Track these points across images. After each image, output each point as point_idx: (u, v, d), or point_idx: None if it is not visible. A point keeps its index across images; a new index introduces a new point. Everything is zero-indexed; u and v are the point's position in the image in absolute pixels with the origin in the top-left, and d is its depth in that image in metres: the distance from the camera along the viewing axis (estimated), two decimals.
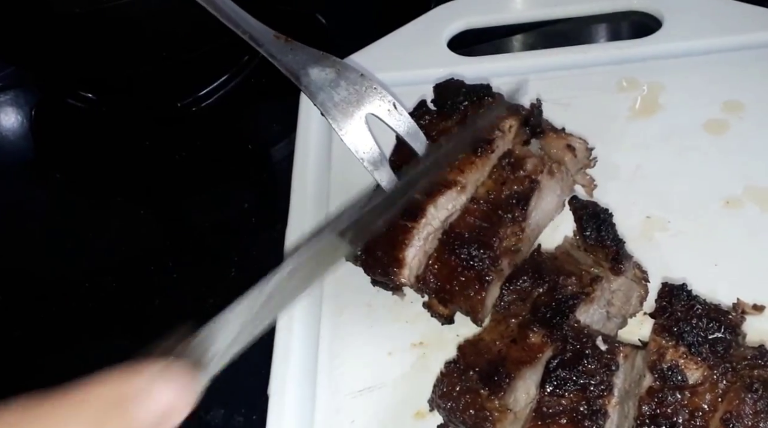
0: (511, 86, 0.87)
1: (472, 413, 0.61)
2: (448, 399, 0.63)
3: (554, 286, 0.68)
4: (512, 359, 0.63)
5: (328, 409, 0.71)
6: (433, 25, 1.07)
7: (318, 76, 0.76)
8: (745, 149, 0.85)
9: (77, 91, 1.16)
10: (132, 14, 0.97)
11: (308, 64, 0.76)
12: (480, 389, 0.62)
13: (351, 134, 0.75)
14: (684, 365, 0.58)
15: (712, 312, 0.60)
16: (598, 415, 0.58)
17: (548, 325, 0.65)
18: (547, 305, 0.66)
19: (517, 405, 0.62)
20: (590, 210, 0.72)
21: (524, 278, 0.69)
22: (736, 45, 0.96)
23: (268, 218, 0.98)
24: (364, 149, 0.75)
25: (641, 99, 0.93)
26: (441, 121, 0.81)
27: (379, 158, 0.75)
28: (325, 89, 0.76)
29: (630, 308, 0.71)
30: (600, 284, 0.68)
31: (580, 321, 0.65)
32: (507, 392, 0.61)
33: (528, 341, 0.64)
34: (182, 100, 1.12)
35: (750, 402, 0.55)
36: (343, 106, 0.76)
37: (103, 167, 1.09)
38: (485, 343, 0.66)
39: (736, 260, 0.75)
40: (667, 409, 0.57)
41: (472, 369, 0.63)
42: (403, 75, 1.01)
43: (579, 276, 0.68)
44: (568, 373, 0.60)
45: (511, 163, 0.75)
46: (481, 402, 0.61)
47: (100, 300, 0.90)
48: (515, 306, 0.68)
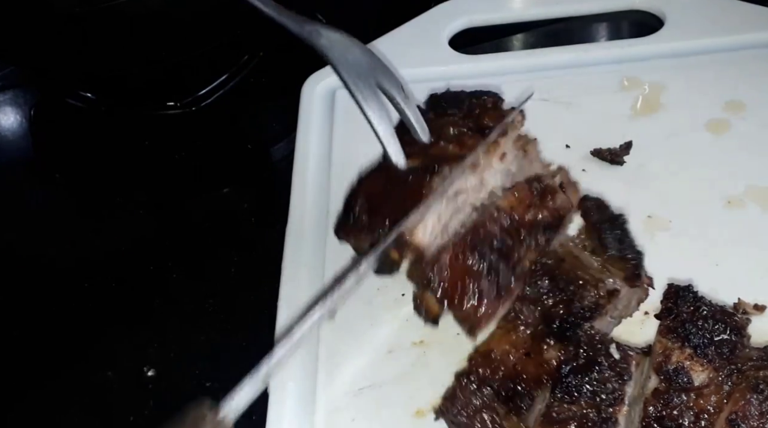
0: (518, 94, 0.87)
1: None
2: (461, 415, 0.61)
3: (571, 298, 0.65)
4: (530, 375, 0.61)
5: (328, 408, 0.70)
6: (434, 24, 1.07)
7: (331, 38, 0.73)
8: (746, 148, 0.85)
9: (76, 90, 1.16)
10: (132, 14, 0.97)
11: (321, 27, 0.74)
12: (497, 406, 0.60)
13: (366, 98, 0.72)
14: (690, 367, 0.58)
15: (718, 314, 0.60)
16: (608, 424, 0.57)
17: (565, 339, 0.63)
18: (563, 319, 0.64)
19: (533, 421, 0.60)
20: (606, 216, 0.71)
21: (537, 284, 0.67)
22: (737, 45, 0.96)
23: (268, 218, 0.98)
24: (378, 116, 0.72)
25: (642, 98, 0.93)
26: (446, 121, 0.80)
27: (390, 129, 0.72)
28: (337, 48, 0.73)
29: (629, 311, 0.71)
30: (616, 299, 0.67)
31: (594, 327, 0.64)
32: (529, 411, 0.60)
33: (544, 355, 0.62)
34: (182, 101, 1.12)
35: (756, 402, 0.55)
36: (358, 70, 0.73)
37: (102, 166, 1.09)
38: (497, 356, 0.63)
39: (737, 260, 0.75)
40: (673, 411, 0.57)
41: (488, 385, 0.61)
42: (404, 73, 1.01)
43: (595, 287, 0.66)
44: (580, 380, 0.59)
45: (540, 190, 0.73)
46: (499, 421, 0.60)
47: (100, 300, 0.90)
48: (525, 313, 0.66)
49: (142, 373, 0.82)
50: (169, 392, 0.80)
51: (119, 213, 1.02)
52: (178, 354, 0.84)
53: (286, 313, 0.77)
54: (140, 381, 0.81)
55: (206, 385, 0.80)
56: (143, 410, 0.79)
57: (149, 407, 0.79)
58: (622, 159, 0.85)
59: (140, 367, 0.82)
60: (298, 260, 0.82)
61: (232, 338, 0.83)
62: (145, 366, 0.82)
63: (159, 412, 0.79)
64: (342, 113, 0.98)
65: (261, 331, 0.79)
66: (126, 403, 0.80)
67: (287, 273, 0.81)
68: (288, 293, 0.79)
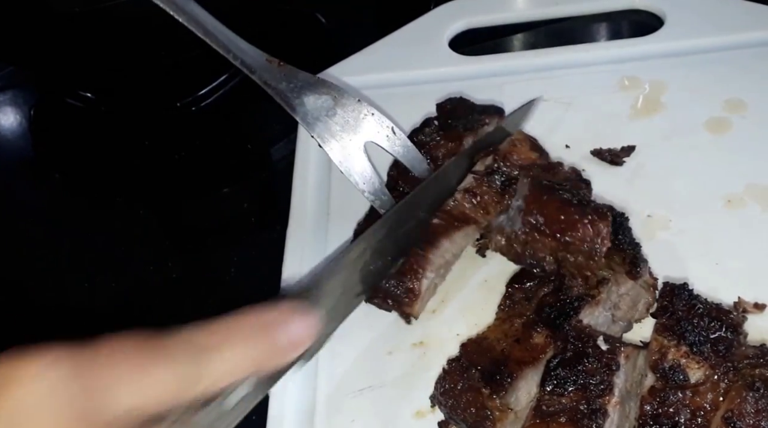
0: (522, 107, 0.87)
1: (472, 411, 0.62)
2: (449, 396, 0.63)
3: (560, 287, 0.68)
4: (515, 358, 0.63)
5: (329, 409, 0.71)
6: (434, 25, 1.07)
7: (314, 105, 0.74)
8: (746, 147, 0.85)
9: (76, 90, 1.15)
10: (132, 14, 0.97)
11: (303, 92, 0.74)
12: (481, 387, 0.62)
13: (350, 164, 0.74)
14: (686, 364, 0.58)
15: (714, 312, 0.60)
16: (597, 414, 0.57)
17: (552, 325, 0.65)
18: (551, 305, 0.66)
19: (518, 405, 0.62)
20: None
21: (531, 277, 0.69)
22: (738, 43, 0.96)
23: (268, 218, 0.98)
24: (363, 179, 0.74)
25: (643, 98, 0.92)
26: (447, 141, 0.80)
27: (379, 187, 0.75)
28: (321, 119, 0.74)
29: (636, 314, 0.70)
30: (606, 287, 0.68)
31: (582, 321, 0.65)
32: (509, 391, 0.61)
33: (531, 341, 0.64)
34: (182, 100, 1.12)
35: (751, 400, 0.55)
36: (341, 135, 0.74)
37: (102, 166, 1.09)
38: (489, 342, 0.66)
39: (737, 259, 0.75)
40: (669, 408, 0.57)
41: (475, 367, 0.63)
42: (405, 75, 1.01)
43: (585, 278, 0.68)
44: (568, 372, 0.60)
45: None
46: (482, 401, 0.61)
47: (100, 300, 0.91)
48: (521, 306, 0.68)
49: None
50: None
51: (119, 213, 1.02)
52: None
53: None
54: None
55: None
56: None
57: None
58: (621, 160, 0.85)
59: None
60: (298, 261, 0.82)
61: None
62: None
63: None
64: None
65: None
66: None
67: (287, 274, 0.81)
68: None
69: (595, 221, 0.68)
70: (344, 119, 0.75)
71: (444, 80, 1.00)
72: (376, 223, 0.68)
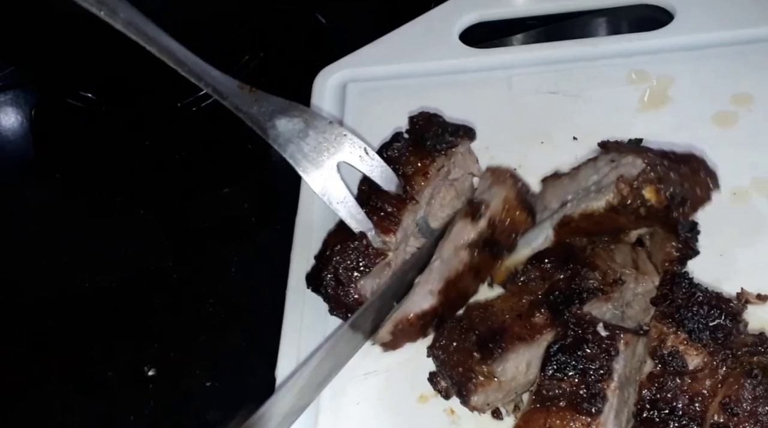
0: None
1: (460, 371, 0.64)
2: (443, 351, 0.66)
3: (575, 275, 0.68)
4: (512, 332, 0.65)
5: (334, 392, 0.72)
6: (445, 18, 1.08)
7: (285, 128, 0.75)
8: (753, 141, 0.85)
9: (77, 91, 1.14)
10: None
11: (275, 115, 0.75)
12: (474, 351, 0.64)
13: (323, 184, 0.75)
14: (684, 351, 0.59)
15: (713, 300, 0.61)
16: (596, 398, 0.58)
17: (555, 310, 0.66)
18: (561, 291, 0.67)
19: (504, 375, 0.64)
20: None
21: (551, 259, 0.71)
22: (746, 38, 0.96)
23: (268, 218, 0.98)
24: (337, 198, 0.75)
25: (651, 91, 0.93)
26: (417, 158, 0.78)
27: (353, 205, 0.75)
28: (293, 141, 0.75)
29: (647, 318, 0.70)
30: (619, 287, 0.68)
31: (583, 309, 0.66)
32: (497, 360, 0.63)
33: (532, 319, 0.66)
34: (183, 101, 1.11)
35: (749, 387, 0.56)
36: (314, 156, 0.75)
37: (103, 167, 1.09)
38: (493, 310, 0.68)
39: (741, 251, 0.75)
40: (667, 394, 0.58)
41: (473, 331, 0.66)
42: (415, 67, 1.02)
43: (603, 273, 0.69)
44: (568, 357, 0.60)
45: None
46: (471, 364, 0.64)
47: (100, 300, 0.91)
48: (534, 284, 0.70)
49: (142, 373, 0.83)
50: (169, 392, 0.81)
51: (119, 213, 1.02)
52: (178, 354, 0.84)
53: (296, 309, 0.79)
54: (140, 381, 0.82)
55: (206, 385, 0.81)
56: (143, 410, 0.80)
57: (149, 407, 0.80)
58: None
59: (140, 367, 0.83)
60: (306, 258, 0.80)
61: (232, 338, 0.84)
62: (145, 366, 0.83)
63: (159, 412, 0.80)
64: (352, 105, 0.99)
65: (261, 331, 0.80)
66: (126, 403, 0.81)
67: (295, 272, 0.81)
68: (293, 297, 0.80)
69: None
70: (316, 140, 0.75)
71: (454, 72, 1.00)
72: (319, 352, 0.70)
